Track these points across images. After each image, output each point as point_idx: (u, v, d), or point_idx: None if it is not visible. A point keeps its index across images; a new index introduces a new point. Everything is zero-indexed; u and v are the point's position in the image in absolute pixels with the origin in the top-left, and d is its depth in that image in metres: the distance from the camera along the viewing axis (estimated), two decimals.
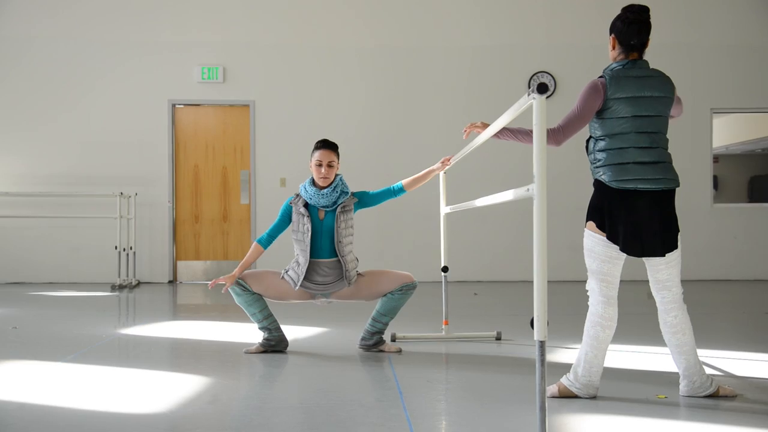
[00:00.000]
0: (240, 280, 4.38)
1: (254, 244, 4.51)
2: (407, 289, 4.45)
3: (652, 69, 3.33)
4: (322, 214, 4.42)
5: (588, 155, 3.38)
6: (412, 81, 9.60)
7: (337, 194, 4.40)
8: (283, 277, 4.45)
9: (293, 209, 4.46)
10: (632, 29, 3.29)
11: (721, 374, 3.89)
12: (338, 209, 4.38)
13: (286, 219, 4.50)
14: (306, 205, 4.42)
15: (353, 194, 4.50)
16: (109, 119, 9.40)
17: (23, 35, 9.37)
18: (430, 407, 3.30)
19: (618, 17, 3.33)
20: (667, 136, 3.35)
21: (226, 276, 4.40)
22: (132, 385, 3.74)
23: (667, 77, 3.35)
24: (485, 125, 3.65)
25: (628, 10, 3.32)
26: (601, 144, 3.30)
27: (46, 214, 9.10)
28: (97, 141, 9.38)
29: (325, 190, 4.37)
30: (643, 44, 3.32)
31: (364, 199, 4.53)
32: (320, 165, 4.37)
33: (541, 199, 2.45)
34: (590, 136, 3.40)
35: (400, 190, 4.57)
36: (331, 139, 4.51)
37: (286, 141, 9.43)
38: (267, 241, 4.51)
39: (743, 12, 9.76)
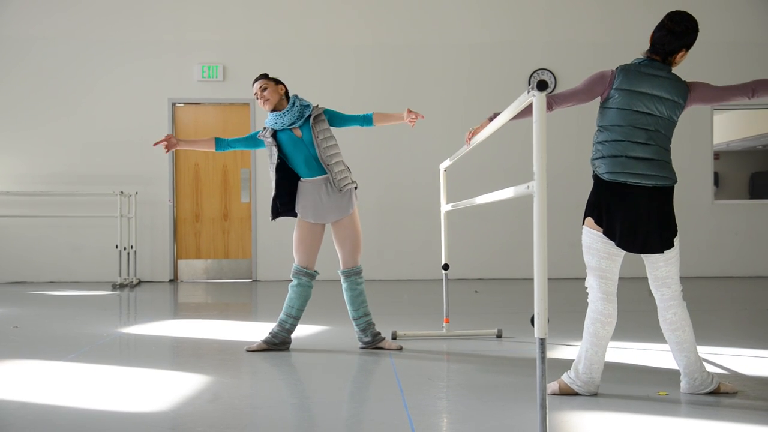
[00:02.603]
0: (312, 271, 4.50)
1: (213, 139, 4.71)
2: (349, 274, 4.51)
3: (670, 72, 3.33)
4: (298, 132, 4.50)
5: (592, 147, 3.41)
6: (412, 79, 9.59)
7: (298, 109, 4.48)
8: (299, 218, 4.52)
9: (263, 140, 4.56)
10: (660, 34, 3.32)
11: (722, 371, 3.89)
12: (311, 120, 4.46)
13: (250, 140, 4.66)
14: (275, 135, 4.51)
15: (323, 110, 4.55)
16: (109, 118, 9.40)
17: (24, 35, 9.37)
18: (431, 404, 3.30)
19: (662, 19, 3.35)
20: (672, 138, 3.34)
21: (170, 137, 4.72)
22: (133, 383, 3.74)
23: (682, 83, 3.33)
24: (483, 125, 3.65)
25: (668, 15, 3.34)
26: (601, 136, 3.34)
27: (47, 214, 9.10)
28: (98, 140, 9.38)
29: (283, 111, 4.46)
30: (668, 52, 3.30)
31: (333, 115, 4.58)
32: (257, 96, 4.53)
33: (541, 197, 2.45)
34: (596, 129, 3.42)
35: (369, 121, 4.62)
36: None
37: None
38: (223, 145, 4.70)
39: (742, 8, 9.75)
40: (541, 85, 2.43)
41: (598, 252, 3.31)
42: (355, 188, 4.56)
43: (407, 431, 2.86)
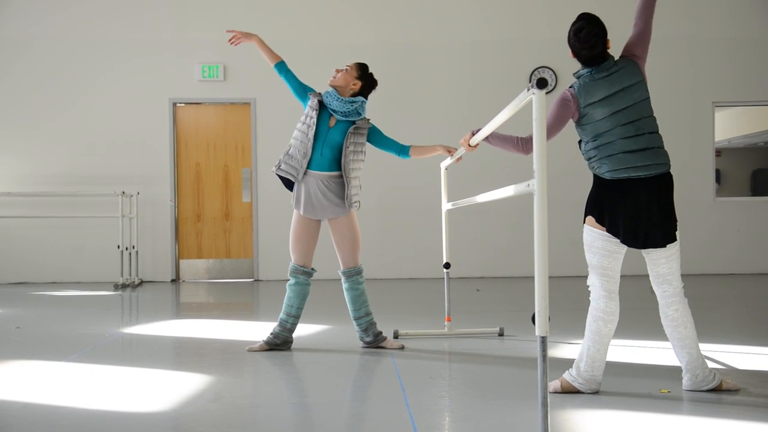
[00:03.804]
0: (309, 269, 4.48)
1: (280, 59, 4.67)
2: (350, 275, 4.50)
3: (616, 61, 3.34)
4: (332, 122, 4.48)
5: (582, 154, 3.42)
6: (412, 77, 9.59)
7: (353, 107, 4.45)
8: (295, 209, 4.50)
9: (310, 98, 4.51)
10: (578, 53, 3.37)
11: (724, 368, 3.88)
12: (351, 128, 4.44)
13: (300, 88, 4.62)
14: (320, 106, 4.48)
15: (370, 126, 4.54)
16: (110, 118, 9.41)
17: (24, 35, 9.38)
18: (433, 403, 3.30)
19: (569, 40, 3.40)
20: (655, 115, 3.36)
21: (246, 33, 4.62)
22: (135, 383, 3.75)
23: (627, 60, 3.34)
24: (466, 139, 3.71)
25: (570, 34, 3.39)
26: (591, 144, 3.36)
27: (49, 214, 9.11)
28: (99, 140, 9.38)
29: (344, 97, 4.43)
30: (596, 55, 3.30)
31: (375, 133, 4.57)
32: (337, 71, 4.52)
33: (541, 195, 2.45)
34: (580, 139, 3.44)
35: (405, 152, 4.60)
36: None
37: (287, 138, 9.36)
38: (281, 68, 4.65)
39: (744, 4, 9.73)
40: (541, 83, 2.43)
41: (599, 250, 3.31)
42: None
43: (409, 430, 2.86)
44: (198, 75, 9.43)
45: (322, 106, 4.50)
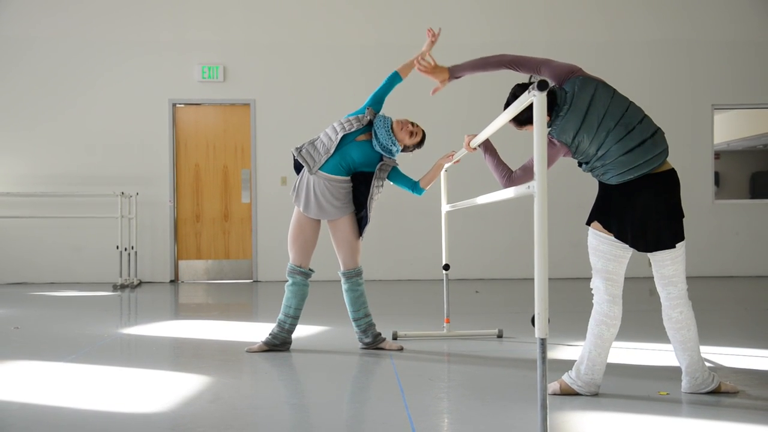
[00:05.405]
0: (307, 269, 4.48)
1: (400, 73, 5.07)
2: (350, 276, 4.50)
3: (566, 88, 3.30)
4: (361, 138, 4.49)
5: (584, 171, 3.41)
6: (414, 79, 9.56)
7: (389, 147, 4.47)
8: (298, 207, 4.51)
9: (367, 112, 4.57)
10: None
11: (723, 370, 3.88)
12: (379, 164, 4.48)
13: (376, 103, 4.71)
14: (369, 124, 4.52)
15: (393, 167, 4.57)
16: (109, 119, 9.41)
17: (23, 35, 9.38)
18: (432, 405, 3.30)
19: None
20: (655, 117, 3.35)
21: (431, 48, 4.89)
22: (134, 384, 3.74)
23: (575, 78, 3.31)
24: (470, 137, 3.79)
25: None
26: (593, 159, 3.32)
27: (48, 215, 9.10)
28: (98, 141, 9.39)
29: (391, 134, 4.46)
30: (550, 101, 3.26)
31: (395, 170, 4.60)
32: (413, 129, 4.61)
33: (542, 197, 2.45)
34: (581, 164, 3.43)
35: (418, 189, 4.64)
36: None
37: (287, 140, 9.41)
38: (395, 83, 4.97)
39: (743, 7, 9.74)
40: (542, 85, 2.43)
41: (604, 254, 3.30)
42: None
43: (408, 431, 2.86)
44: (198, 76, 9.43)
45: (368, 124, 4.51)
